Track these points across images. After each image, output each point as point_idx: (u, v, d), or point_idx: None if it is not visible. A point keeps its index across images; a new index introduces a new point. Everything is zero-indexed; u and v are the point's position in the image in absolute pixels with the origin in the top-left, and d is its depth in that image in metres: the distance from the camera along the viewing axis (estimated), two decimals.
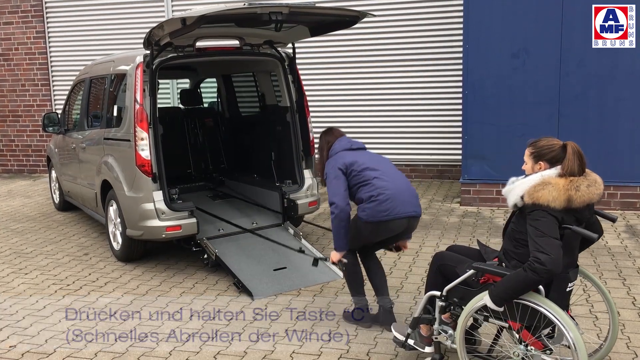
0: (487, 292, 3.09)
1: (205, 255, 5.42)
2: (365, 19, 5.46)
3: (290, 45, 6.11)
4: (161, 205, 5.34)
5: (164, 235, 5.36)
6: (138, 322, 4.49)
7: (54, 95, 11.23)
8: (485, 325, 3.63)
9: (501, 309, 3.08)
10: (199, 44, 5.65)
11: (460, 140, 8.16)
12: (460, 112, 8.11)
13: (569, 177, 3.02)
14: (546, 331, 3.18)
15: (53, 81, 11.20)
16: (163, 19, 6.16)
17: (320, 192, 6.33)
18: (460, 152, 8.14)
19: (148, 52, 5.37)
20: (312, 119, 6.70)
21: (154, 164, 5.35)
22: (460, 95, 8.08)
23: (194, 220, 5.41)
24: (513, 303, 3.06)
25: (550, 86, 7.17)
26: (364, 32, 9.23)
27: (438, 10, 9.02)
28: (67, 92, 8.33)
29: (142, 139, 5.32)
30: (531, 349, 3.10)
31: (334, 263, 4.17)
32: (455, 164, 9.11)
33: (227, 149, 7.70)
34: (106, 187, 6.01)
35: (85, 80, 7.01)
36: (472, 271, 3.20)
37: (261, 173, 6.84)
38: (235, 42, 5.97)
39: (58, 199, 8.19)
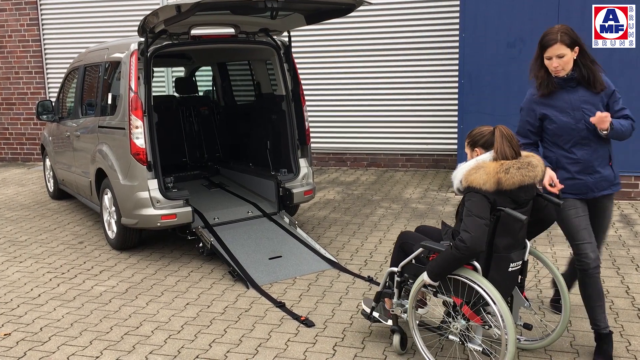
0: None
1: (201, 244, 5.41)
2: (361, 7, 5.44)
3: (285, 33, 6.08)
4: (156, 194, 5.33)
5: (159, 224, 5.36)
6: (133, 310, 4.50)
7: (48, 83, 11.16)
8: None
9: (436, 284, 3.29)
10: (194, 31, 5.62)
11: (455, 130, 8.17)
12: (456, 102, 8.11)
13: (502, 160, 3.15)
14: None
15: (47, 69, 11.13)
16: (158, 6, 6.11)
17: (315, 182, 6.33)
18: (455, 141, 8.14)
19: (142, 39, 5.34)
20: (308, 108, 6.69)
21: (148, 153, 5.33)
22: (456, 85, 8.07)
23: (189, 208, 5.40)
24: (453, 279, 3.23)
25: None
26: (360, 20, 9.19)
27: None
28: (61, 80, 8.28)
29: (136, 127, 5.30)
30: (471, 324, 3.27)
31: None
32: (450, 153, 9.11)
33: (223, 137, 7.68)
34: (101, 175, 5.99)
35: (80, 68, 6.97)
36: (420, 249, 3.39)
37: (256, 162, 6.83)
38: (230, 30, 5.94)
39: (52, 188, 8.16)
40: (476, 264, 3.21)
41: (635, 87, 6.95)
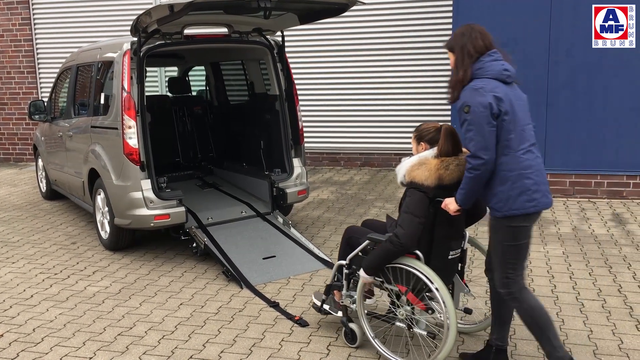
0: None
1: (194, 244, 5.40)
2: (355, 7, 5.44)
3: (279, 33, 6.08)
4: (149, 194, 5.32)
5: (152, 224, 5.34)
6: (126, 311, 4.48)
7: (40, 82, 11.11)
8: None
9: (371, 279, 3.47)
10: (187, 31, 5.60)
11: None
12: None
13: (443, 157, 3.27)
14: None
15: (39, 69, 11.08)
16: (150, 6, 6.10)
17: (309, 181, 6.33)
18: None
19: (135, 39, 5.32)
20: (302, 108, 6.69)
21: (142, 153, 5.32)
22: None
23: (182, 209, 5.39)
24: (398, 268, 3.38)
25: (539, 75, 7.19)
26: (354, 20, 9.19)
27: None
28: (53, 80, 8.25)
29: (129, 127, 5.28)
30: (416, 310, 3.45)
31: None
32: None
33: (216, 137, 7.67)
34: (94, 175, 5.97)
35: (72, 68, 6.94)
36: (367, 241, 3.54)
37: (250, 162, 6.82)
38: (223, 30, 5.93)
39: (45, 188, 8.12)
40: (419, 252, 3.36)
41: (635, 87, 6.99)
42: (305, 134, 7.04)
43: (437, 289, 3.25)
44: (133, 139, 5.29)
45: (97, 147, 5.84)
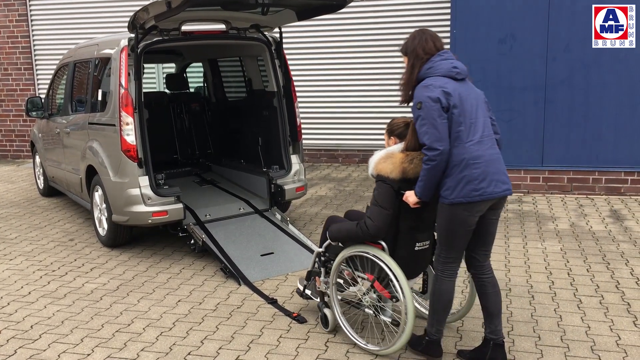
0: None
1: (192, 241, 5.40)
2: (352, 4, 5.42)
3: (277, 29, 6.07)
4: (147, 191, 5.31)
5: (150, 221, 5.34)
6: (124, 308, 4.48)
7: (37, 79, 11.07)
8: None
9: (334, 243, 3.69)
10: (185, 27, 5.59)
11: None
12: None
13: (409, 151, 3.39)
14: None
15: (36, 65, 11.04)
16: (148, 2, 6.08)
17: (307, 178, 6.32)
18: None
19: (133, 35, 5.31)
20: (299, 104, 6.68)
21: (139, 149, 5.31)
22: None
23: (180, 205, 5.38)
24: (365, 258, 3.54)
25: (537, 72, 7.19)
26: (351, 17, 9.17)
27: None
28: (50, 76, 8.23)
29: (127, 124, 5.27)
30: (382, 297, 3.60)
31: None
32: None
33: (214, 134, 7.67)
34: (91, 172, 5.96)
35: (69, 64, 6.92)
36: None
37: (248, 158, 6.82)
38: (221, 26, 5.92)
39: (42, 185, 8.11)
40: (383, 243, 3.48)
41: (636, 88, 6.99)
42: (303, 131, 7.05)
43: (396, 278, 3.35)
44: (131, 136, 5.28)
45: (95, 144, 5.83)
